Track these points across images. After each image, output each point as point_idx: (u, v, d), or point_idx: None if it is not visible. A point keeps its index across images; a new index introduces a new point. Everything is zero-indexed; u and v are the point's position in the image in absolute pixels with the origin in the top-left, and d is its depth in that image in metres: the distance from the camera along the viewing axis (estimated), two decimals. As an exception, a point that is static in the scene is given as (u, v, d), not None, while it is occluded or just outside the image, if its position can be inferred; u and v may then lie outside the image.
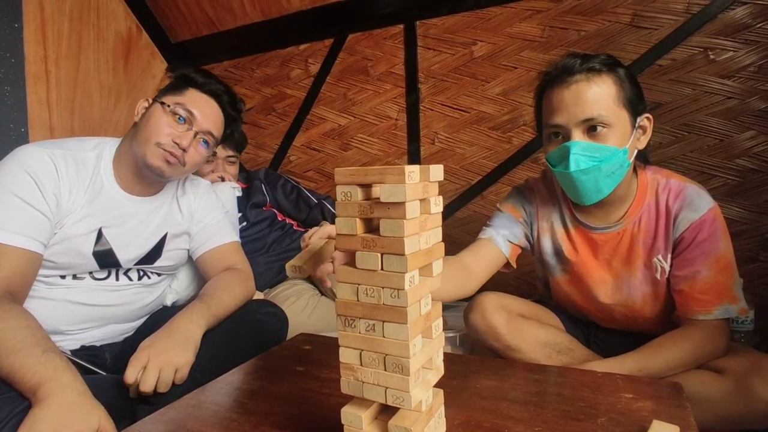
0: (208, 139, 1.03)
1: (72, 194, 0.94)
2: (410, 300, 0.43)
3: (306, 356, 0.87)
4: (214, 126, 1.04)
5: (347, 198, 0.45)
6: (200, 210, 1.15)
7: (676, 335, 0.95)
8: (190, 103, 1.00)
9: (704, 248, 0.94)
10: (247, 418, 0.65)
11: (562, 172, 0.92)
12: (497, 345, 1.04)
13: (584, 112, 0.88)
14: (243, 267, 1.14)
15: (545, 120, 0.96)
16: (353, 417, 0.47)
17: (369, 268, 0.44)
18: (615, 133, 0.89)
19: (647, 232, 0.99)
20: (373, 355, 0.45)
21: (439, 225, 0.49)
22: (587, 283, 1.06)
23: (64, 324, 0.96)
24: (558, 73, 0.93)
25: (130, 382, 0.78)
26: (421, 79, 1.84)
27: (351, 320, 0.46)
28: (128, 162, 1.01)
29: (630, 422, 0.58)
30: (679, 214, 0.96)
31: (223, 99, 1.05)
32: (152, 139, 0.96)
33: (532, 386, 0.70)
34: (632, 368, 0.91)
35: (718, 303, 0.93)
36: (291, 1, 1.97)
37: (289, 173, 2.11)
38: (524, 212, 1.13)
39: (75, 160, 0.96)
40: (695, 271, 0.94)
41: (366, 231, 0.46)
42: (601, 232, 1.02)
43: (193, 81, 1.03)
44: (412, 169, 0.42)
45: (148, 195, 1.06)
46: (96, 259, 0.97)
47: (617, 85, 0.91)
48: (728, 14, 1.40)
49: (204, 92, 1.03)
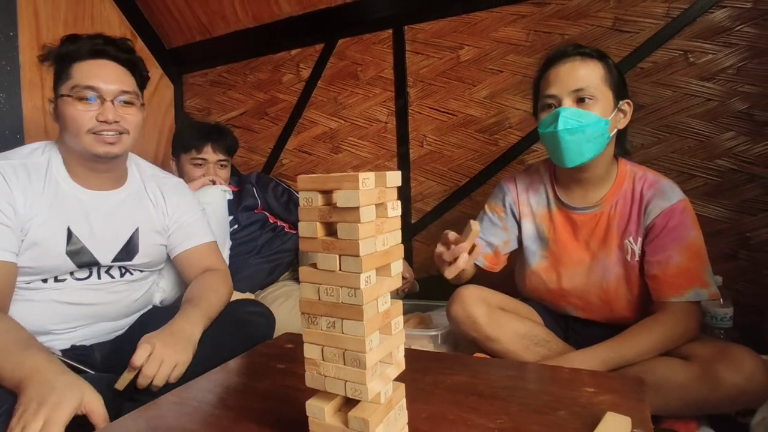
0: (126, 97, 1.00)
1: (28, 200, 0.95)
2: (366, 298, 0.46)
3: (288, 354, 0.90)
4: (120, 81, 1.00)
5: (309, 203, 0.48)
6: (174, 207, 1.16)
7: (648, 321, 1.01)
8: (83, 78, 0.97)
9: (675, 235, 1.02)
10: (227, 413, 0.68)
11: (552, 132, 1.03)
12: (476, 335, 1.08)
13: (575, 83, 1.02)
14: (221, 266, 1.17)
15: (542, 92, 1.09)
16: (317, 409, 0.50)
17: (329, 269, 0.47)
18: (599, 105, 1.02)
19: (622, 215, 1.08)
20: (334, 351, 0.48)
21: (397, 228, 0.52)
22: (565, 264, 1.13)
23: (52, 324, 0.98)
24: (556, 54, 1.08)
25: (137, 364, 0.80)
26: (409, 83, 1.87)
27: (314, 318, 0.49)
28: (76, 158, 1.01)
29: (588, 414, 0.60)
30: (651, 201, 1.05)
31: (109, 51, 1.01)
32: (81, 130, 0.96)
33: (501, 382, 0.73)
34: (607, 356, 0.97)
35: (689, 286, 0.99)
36: (282, 7, 2.00)
37: (281, 176, 2.14)
38: (504, 206, 1.23)
39: (25, 167, 0.97)
40: (668, 256, 1.01)
41: (327, 234, 0.49)
42: (581, 212, 1.12)
43: (68, 55, 0.99)
44: (367, 176, 0.45)
45: (110, 189, 1.07)
46: (71, 259, 0.98)
47: (605, 69, 1.05)
48: (707, 17, 1.42)
49: (87, 58, 0.99)
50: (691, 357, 0.93)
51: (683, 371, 0.91)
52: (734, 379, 0.86)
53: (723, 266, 1.43)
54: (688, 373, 0.90)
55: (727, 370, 0.86)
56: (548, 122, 1.05)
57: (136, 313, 1.14)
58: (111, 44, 1.01)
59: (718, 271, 1.40)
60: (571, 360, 0.97)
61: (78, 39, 1.00)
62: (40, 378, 0.70)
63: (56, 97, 0.99)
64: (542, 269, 1.17)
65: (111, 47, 1.01)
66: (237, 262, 1.58)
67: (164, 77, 2.33)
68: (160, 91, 2.32)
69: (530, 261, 1.19)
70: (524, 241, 1.20)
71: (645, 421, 0.58)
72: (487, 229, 1.22)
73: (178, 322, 0.91)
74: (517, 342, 1.07)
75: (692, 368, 0.91)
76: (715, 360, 0.89)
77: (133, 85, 1.04)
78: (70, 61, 0.99)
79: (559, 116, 1.01)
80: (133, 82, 1.04)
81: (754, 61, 1.37)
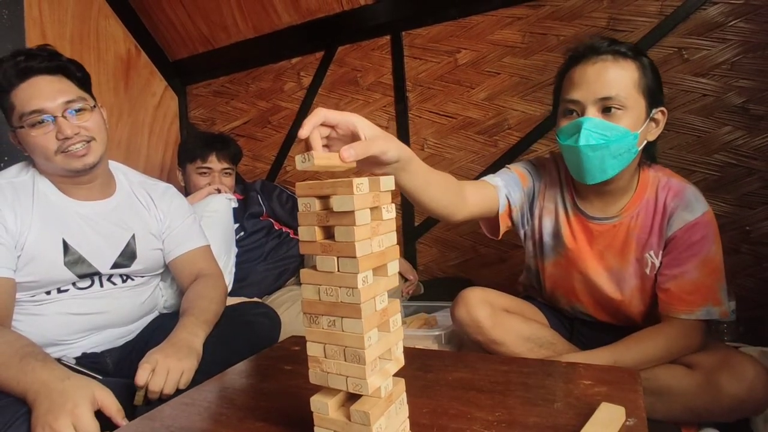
0: (74, 105, 0.98)
1: (18, 216, 0.95)
2: (363, 297, 0.48)
3: (294, 356, 0.93)
4: (60, 92, 0.97)
5: (307, 208, 0.51)
6: (165, 212, 1.17)
7: (653, 331, 0.98)
8: (25, 104, 0.94)
9: (695, 250, 0.95)
10: (236, 413, 0.70)
11: (572, 145, 0.93)
12: (481, 338, 1.07)
13: (603, 90, 0.90)
14: (212, 270, 1.18)
15: (563, 95, 0.97)
16: (321, 404, 0.52)
17: (328, 270, 0.50)
18: (629, 116, 0.90)
19: (643, 227, 1.00)
20: (335, 348, 0.51)
21: (392, 230, 0.54)
22: (579, 270, 1.08)
23: (60, 335, 1.00)
24: (585, 50, 0.94)
25: (140, 384, 0.82)
26: (408, 88, 1.90)
27: (315, 317, 0.52)
28: (57, 177, 1.02)
29: (583, 405, 0.62)
30: (674, 212, 0.97)
31: (35, 65, 0.96)
32: (49, 154, 0.96)
33: (499, 377, 0.75)
34: (608, 360, 0.95)
35: (701, 304, 0.95)
36: (282, 17, 2.04)
37: (286, 183, 2.18)
38: (531, 183, 1.11)
39: (12, 185, 0.98)
40: (684, 271, 0.96)
41: (325, 237, 0.51)
42: (599, 223, 1.04)
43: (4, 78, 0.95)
44: (361, 181, 0.48)
45: (99, 199, 1.07)
46: (70, 269, 0.99)
47: (639, 71, 0.92)
48: (700, 14, 1.44)
49: (17, 82, 0.95)
50: (694, 365, 0.94)
51: (686, 379, 0.92)
52: (736, 390, 0.86)
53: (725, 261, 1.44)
54: (691, 382, 0.91)
55: (729, 380, 0.87)
56: (569, 132, 0.95)
57: (144, 318, 1.16)
58: (33, 58, 0.96)
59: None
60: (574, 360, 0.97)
61: (6, 60, 0.96)
62: (47, 390, 0.72)
63: (12, 129, 0.99)
64: (556, 266, 1.13)
65: (35, 61, 0.96)
66: (244, 269, 1.61)
67: (168, 89, 2.38)
68: (165, 103, 2.37)
69: (547, 254, 1.13)
70: (542, 236, 1.12)
71: (638, 411, 0.60)
72: (510, 186, 1.08)
73: (178, 333, 0.94)
74: (522, 345, 1.06)
75: (695, 376, 0.91)
76: (717, 369, 0.89)
77: (75, 91, 1.00)
78: (4, 90, 0.96)
79: (581, 128, 0.90)
80: (73, 86, 1.00)
81: (748, 55, 1.39)
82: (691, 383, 0.91)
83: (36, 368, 0.75)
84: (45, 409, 0.70)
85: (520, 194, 1.09)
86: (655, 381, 0.94)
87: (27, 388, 0.73)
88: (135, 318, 1.12)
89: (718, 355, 0.94)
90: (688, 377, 0.93)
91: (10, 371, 0.75)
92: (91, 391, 0.72)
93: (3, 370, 0.76)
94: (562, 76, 1.00)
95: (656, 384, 0.93)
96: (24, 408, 0.73)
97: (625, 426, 0.57)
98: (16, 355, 0.77)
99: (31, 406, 0.72)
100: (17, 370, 0.75)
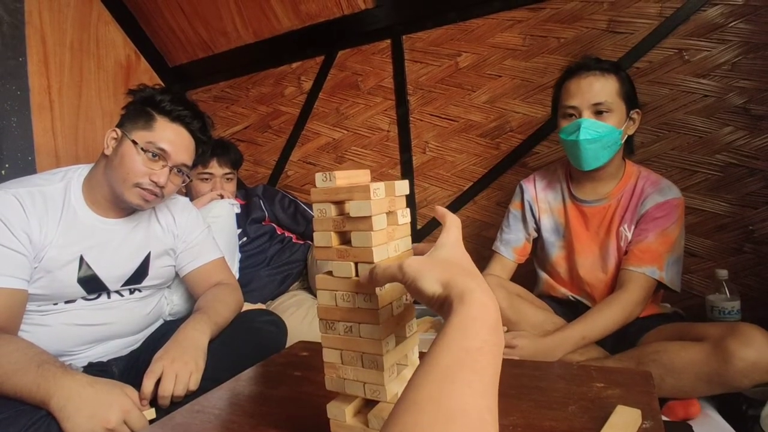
0: (183, 169, 1.05)
1: (43, 228, 0.95)
2: (381, 303, 0.48)
3: (303, 362, 0.92)
4: (188, 156, 1.06)
5: (323, 214, 0.51)
6: (183, 228, 1.17)
7: (609, 300, 1.14)
8: (162, 139, 1.00)
9: (658, 223, 1.17)
10: (247, 420, 0.70)
11: (573, 140, 1.17)
12: None
13: (594, 97, 1.16)
14: (230, 281, 1.19)
15: (563, 102, 1.22)
16: (338, 411, 0.52)
17: (344, 276, 0.50)
18: (615, 117, 1.17)
19: (623, 207, 1.23)
20: (352, 354, 0.50)
21: (407, 234, 0.54)
22: (578, 252, 1.27)
23: (66, 346, 1.00)
24: (577, 67, 1.21)
25: (146, 393, 0.82)
26: (409, 91, 1.90)
27: (331, 323, 0.51)
28: (102, 191, 1.02)
29: (598, 408, 0.62)
30: (649, 195, 1.20)
31: (193, 126, 1.05)
32: (129, 179, 0.98)
33: (513, 380, 0.75)
34: (577, 337, 1.09)
35: (649, 263, 1.14)
36: (282, 22, 2.04)
37: (287, 188, 2.18)
38: (523, 203, 1.38)
39: (42, 194, 0.97)
40: (644, 237, 1.17)
41: (341, 243, 0.51)
42: (591, 205, 1.27)
43: (158, 107, 1.02)
44: (377, 186, 0.48)
45: (123, 216, 1.08)
46: (82, 286, 1.00)
47: (619, 83, 1.18)
48: (701, 15, 1.45)
49: (173, 120, 1.02)
50: (703, 337, 0.97)
51: (695, 348, 0.95)
52: (745, 353, 0.88)
53: (729, 260, 1.45)
54: (701, 350, 0.94)
55: (737, 345, 0.89)
56: (570, 130, 1.19)
57: (149, 327, 1.16)
58: (197, 119, 1.06)
59: (724, 265, 1.42)
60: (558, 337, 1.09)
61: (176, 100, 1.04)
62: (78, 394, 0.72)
63: (124, 134, 1.01)
64: (560, 259, 1.31)
65: (197, 122, 1.06)
66: (248, 275, 1.60)
67: (169, 95, 2.37)
68: (165, 109, 2.36)
69: (550, 252, 1.33)
70: (544, 234, 1.34)
71: (654, 413, 0.60)
72: (514, 226, 1.39)
73: (185, 330, 0.94)
74: (535, 330, 1.15)
75: (704, 346, 0.94)
76: (725, 336, 0.92)
77: (192, 160, 1.09)
78: (156, 110, 1.02)
79: (580, 127, 1.15)
80: (194, 157, 1.10)
81: (749, 56, 1.40)
82: (701, 351, 0.94)
83: (57, 374, 0.75)
84: (89, 413, 0.71)
85: (521, 225, 1.38)
86: (664, 354, 0.97)
87: (51, 393, 0.73)
88: (141, 328, 1.13)
89: (726, 326, 0.99)
90: (698, 347, 0.96)
91: (28, 377, 0.75)
92: (122, 389, 0.75)
93: (20, 375, 0.76)
94: (560, 87, 1.25)
95: (666, 357, 0.96)
96: (41, 412, 0.73)
97: (642, 429, 0.57)
98: (33, 362, 0.77)
99: (59, 412, 0.72)
100: (37, 375, 0.75)
